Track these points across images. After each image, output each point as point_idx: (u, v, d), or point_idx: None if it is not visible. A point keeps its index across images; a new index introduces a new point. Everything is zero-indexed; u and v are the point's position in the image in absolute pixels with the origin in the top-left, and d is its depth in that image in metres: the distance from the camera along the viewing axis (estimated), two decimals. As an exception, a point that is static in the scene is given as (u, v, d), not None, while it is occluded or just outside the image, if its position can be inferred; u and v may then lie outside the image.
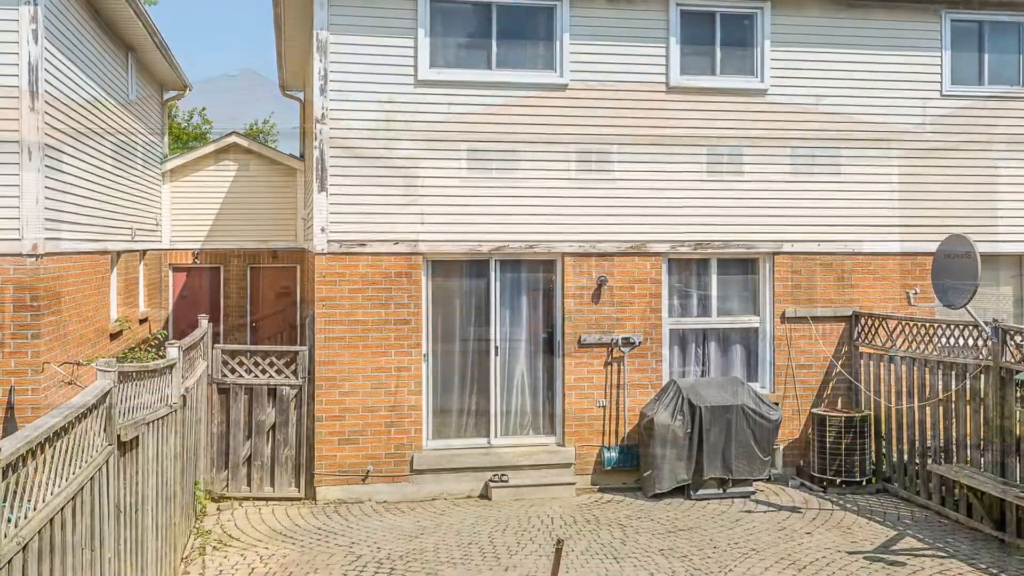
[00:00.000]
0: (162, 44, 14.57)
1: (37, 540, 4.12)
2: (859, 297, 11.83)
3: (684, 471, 10.56)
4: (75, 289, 11.03)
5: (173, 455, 7.65)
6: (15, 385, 9.39)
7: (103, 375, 5.52)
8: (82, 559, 4.85)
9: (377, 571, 8.16)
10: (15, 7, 9.36)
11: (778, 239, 11.62)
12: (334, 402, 10.59)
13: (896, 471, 10.84)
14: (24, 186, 9.40)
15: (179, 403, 7.85)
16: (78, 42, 11.16)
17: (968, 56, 12.13)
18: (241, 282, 18.41)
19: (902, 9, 11.85)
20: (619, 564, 8.35)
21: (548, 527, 9.51)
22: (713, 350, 11.67)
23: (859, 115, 11.80)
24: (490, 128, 10.93)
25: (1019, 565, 8.31)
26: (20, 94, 9.39)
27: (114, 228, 13.37)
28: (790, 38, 11.61)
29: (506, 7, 10.98)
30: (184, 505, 8.34)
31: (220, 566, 8.26)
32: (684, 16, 11.37)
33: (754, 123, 11.54)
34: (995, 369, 9.31)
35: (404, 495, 10.65)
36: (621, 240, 11.24)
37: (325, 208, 10.59)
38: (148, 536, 6.55)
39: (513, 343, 11.22)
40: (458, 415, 11.08)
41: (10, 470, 3.83)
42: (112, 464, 5.52)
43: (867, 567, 8.28)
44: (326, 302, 10.60)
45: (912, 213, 11.94)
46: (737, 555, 8.62)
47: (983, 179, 12.09)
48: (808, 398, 11.67)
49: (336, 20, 10.58)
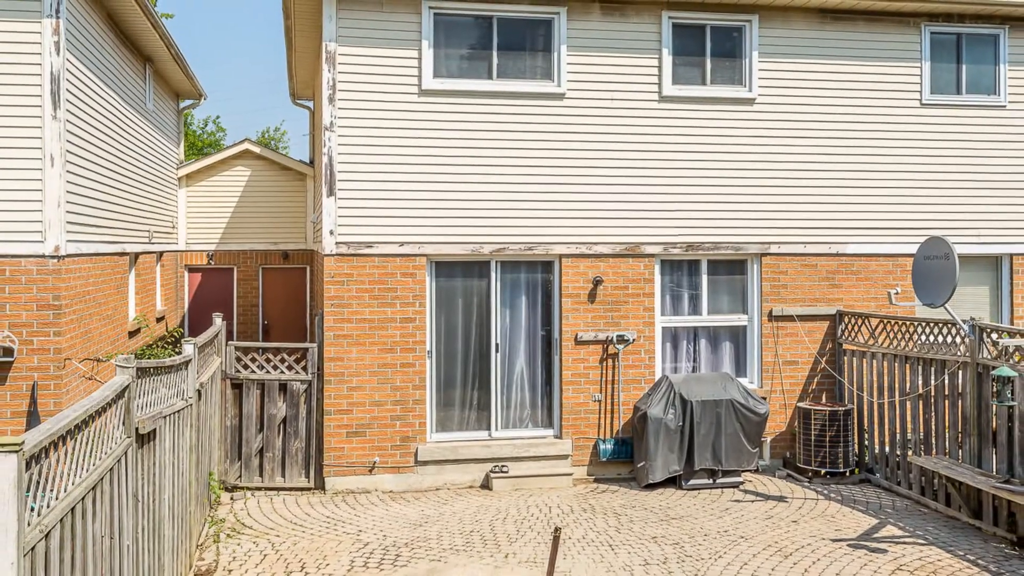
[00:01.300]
0: (178, 55, 14.56)
1: (59, 528, 4.13)
2: (843, 296, 11.83)
3: (676, 462, 10.56)
4: (95, 289, 11.03)
5: (189, 447, 7.66)
6: (38, 380, 9.39)
7: (122, 371, 5.52)
8: (102, 546, 4.86)
9: (383, 557, 8.16)
10: (38, 20, 9.35)
11: (765, 241, 11.63)
12: (342, 396, 10.59)
13: (878, 462, 10.85)
14: (46, 190, 9.40)
15: (194, 397, 7.85)
16: (98, 53, 11.16)
17: (946, 67, 12.14)
18: (253, 282, 18.41)
19: (884, 22, 11.86)
20: (614, 551, 8.35)
21: (546, 516, 9.51)
22: (704, 347, 11.67)
23: (843, 122, 11.81)
24: (491, 135, 10.94)
25: (996, 552, 8.32)
26: (43, 103, 9.39)
27: (132, 231, 13.37)
28: (777, 49, 11.61)
29: (506, 20, 10.98)
30: (199, 495, 8.34)
31: (233, 552, 8.26)
32: (676, 29, 11.37)
33: (743, 130, 11.55)
34: (972, 365, 9.31)
35: (409, 485, 10.66)
36: (616, 242, 11.25)
37: (334, 212, 10.59)
38: (165, 524, 6.56)
39: (513, 341, 11.22)
40: (460, 409, 11.09)
41: (33, 461, 3.83)
42: (130, 456, 5.52)
43: (850, 554, 8.28)
44: (335, 301, 10.60)
45: (893, 216, 11.95)
46: (727, 542, 8.62)
47: (961, 184, 12.10)
48: (794, 393, 11.67)
49: (344, 32, 10.58)
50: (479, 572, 7.80)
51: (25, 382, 9.37)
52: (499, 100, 10.95)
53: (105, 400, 4.98)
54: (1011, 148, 12.23)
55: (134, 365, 5.64)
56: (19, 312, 9.37)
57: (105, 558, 4.91)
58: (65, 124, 9.56)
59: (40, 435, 3.94)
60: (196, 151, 31.01)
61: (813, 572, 7.81)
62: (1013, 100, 12.24)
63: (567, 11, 11.05)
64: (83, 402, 4.74)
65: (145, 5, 11.52)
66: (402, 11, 10.70)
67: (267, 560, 8.08)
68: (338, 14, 10.55)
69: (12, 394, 9.36)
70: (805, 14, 11.66)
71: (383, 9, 10.66)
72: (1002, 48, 12.18)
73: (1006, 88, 12.20)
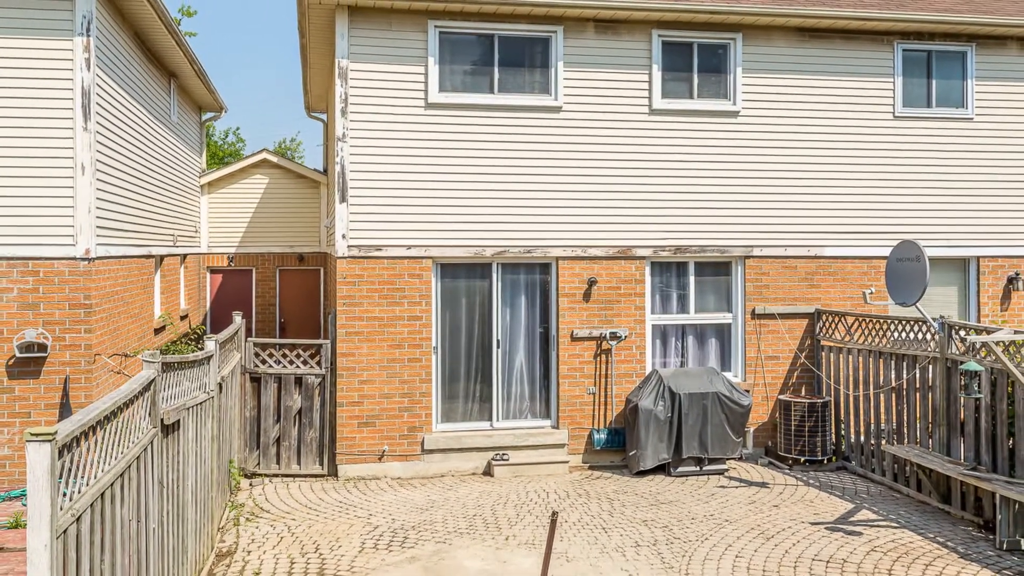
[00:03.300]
0: (200, 71, 14.55)
1: (89, 512, 4.13)
2: (821, 296, 11.83)
3: (665, 451, 10.56)
4: (123, 289, 11.03)
5: (210, 437, 7.66)
6: (70, 375, 9.39)
7: (148, 365, 5.52)
8: (129, 529, 4.86)
9: (392, 539, 8.16)
10: (70, 38, 9.36)
11: (748, 244, 11.62)
12: (354, 389, 10.59)
13: (854, 451, 10.84)
14: (78, 197, 9.40)
15: (216, 390, 7.85)
16: (126, 69, 11.15)
17: (918, 82, 12.13)
18: (271, 283, 18.40)
19: (859, 40, 11.86)
20: (607, 533, 8.35)
21: (544, 500, 9.51)
22: (691, 343, 11.67)
23: (821, 133, 11.80)
24: (492, 145, 10.93)
25: (964, 535, 8.31)
26: (74, 115, 9.40)
27: (158, 235, 13.36)
28: (760, 65, 11.61)
29: (507, 38, 10.98)
30: (220, 481, 8.34)
31: (252, 535, 8.26)
32: (665, 46, 11.37)
33: (728, 141, 11.54)
34: (942, 360, 9.30)
35: (416, 472, 10.65)
36: (609, 245, 11.24)
37: (346, 217, 10.59)
38: (188, 509, 6.55)
39: (513, 337, 11.21)
40: (464, 401, 11.08)
41: (65, 450, 3.83)
42: (156, 445, 5.52)
43: (828, 536, 8.28)
44: (346, 300, 10.60)
45: (868, 221, 11.94)
46: (712, 525, 8.62)
47: (931, 191, 12.09)
48: (776, 386, 11.66)
49: (355, 50, 10.58)
50: (482, 553, 7.80)
51: (58, 376, 9.37)
52: (500, 113, 10.95)
53: (132, 393, 4.98)
54: (978, 158, 12.23)
55: (159, 360, 5.64)
56: (52, 311, 9.38)
57: (132, 540, 4.91)
58: (95, 135, 9.55)
59: (72, 426, 3.94)
60: (217, 161, 30.97)
61: (793, 553, 7.81)
62: (980, 113, 12.23)
63: (564, 30, 11.05)
64: (112, 395, 4.74)
65: (170, 24, 11.51)
66: (409, 29, 10.70)
67: (284, 542, 8.08)
68: (350, 32, 10.55)
69: (46, 387, 9.36)
70: (786, 33, 11.66)
71: (392, 28, 10.66)
72: (969, 64, 12.17)
73: (973, 101, 12.19)
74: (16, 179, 9.33)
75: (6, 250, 9.32)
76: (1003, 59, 12.26)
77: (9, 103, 9.31)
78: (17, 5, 9.28)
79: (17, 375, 9.31)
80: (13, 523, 8.02)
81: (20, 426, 9.27)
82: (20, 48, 9.30)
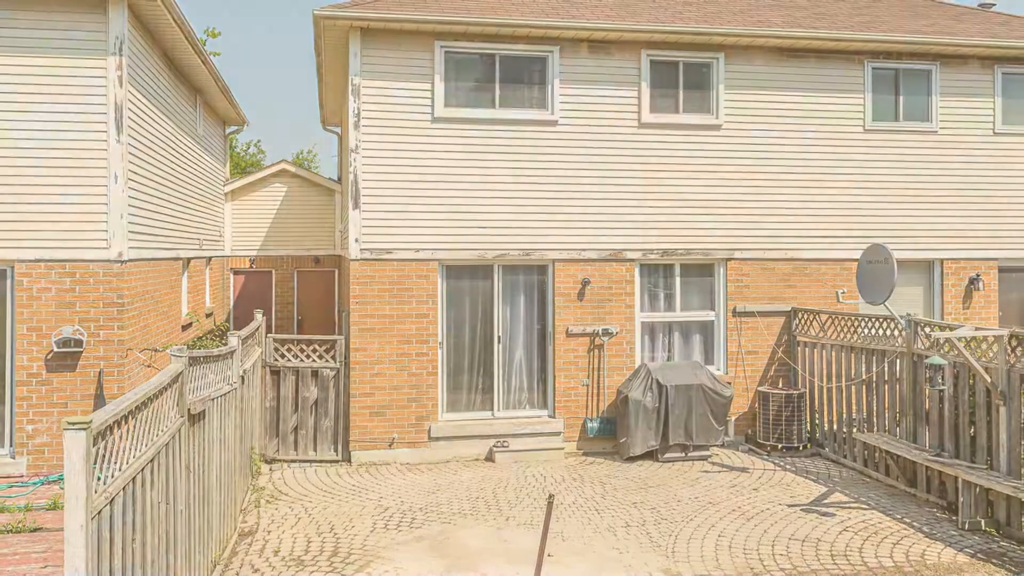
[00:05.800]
0: (224, 88, 14.54)
1: (122, 495, 4.13)
2: (797, 295, 11.82)
3: (653, 438, 10.55)
4: (153, 288, 11.03)
5: (233, 425, 7.66)
6: (104, 368, 9.39)
7: (176, 359, 5.52)
8: (159, 511, 4.86)
9: (401, 520, 8.16)
10: (104, 57, 9.36)
11: (730, 248, 11.62)
12: (366, 382, 10.59)
13: (827, 438, 10.84)
14: (111, 204, 9.40)
15: (238, 382, 7.85)
16: (155, 85, 11.15)
17: (886, 98, 12.13)
18: (289, 283, 18.40)
19: (832, 59, 11.86)
20: (600, 514, 8.35)
21: (541, 484, 9.50)
22: (677, 339, 11.66)
23: (797, 145, 11.80)
24: (494, 156, 10.93)
25: (928, 516, 8.31)
26: (108, 128, 9.40)
27: (185, 239, 13.36)
28: (741, 82, 11.60)
29: (507, 57, 10.98)
30: (242, 466, 8.34)
31: (272, 516, 8.26)
32: (653, 65, 11.37)
33: (711, 152, 11.54)
34: (909, 355, 9.30)
35: (423, 458, 10.65)
36: (601, 249, 11.24)
37: (358, 222, 10.58)
38: (213, 492, 6.56)
39: (513, 334, 11.21)
40: (467, 392, 11.08)
41: (99, 438, 3.84)
42: (183, 433, 5.52)
43: (803, 516, 8.28)
44: (359, 299, 10.59)
45: (841, 226, 11.94)
46: (697, 507, 8.61)
47: (899, 198, 12.09)
48: (755, 378, 11.66)
49: (367, 68, 10.58)
50: (484, 532, 7.80)
51: (93, 369, 9.38)
52: (501, 126, 10.95)
53: (161, 385, 4.98)
54: (942, 167, 12.22)
55: (186, 355, 5.64)
56: (88, 309, 9.38)
57: (162, 521, 4.92)
58: (127, 147, 9.55)
59: (105, 415, 3.94)
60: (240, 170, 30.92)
61: (772, 532, 7.81)
62: (944, 126, 12.23)
63: (559, 50, 11.05)
64: (142, 387, 4.74)
65: (196, 44, 11.50)
66: (417, 49, 10.70)
67: (301, 522, 8.08)
68: (362, 52, 10.55)
69: (82, 380, 9.36)
70: (765, 52, 11.66)
71: (401, 48, 10.66)
72: (934, 81, 12.17)
73: (938, 116, 12.19)
74: (54, 187, 9.33)
75: (46, 253, 9.33)
76: (965, 77, 12.25)
77: (48, 117, 9.31)
78: (56, 27, 9.28)
79: (55, 368, 9.31)
80: (51, 505, 8.02)
81: (58, 416, 9.27)
82: (59, 66, 9.30)
